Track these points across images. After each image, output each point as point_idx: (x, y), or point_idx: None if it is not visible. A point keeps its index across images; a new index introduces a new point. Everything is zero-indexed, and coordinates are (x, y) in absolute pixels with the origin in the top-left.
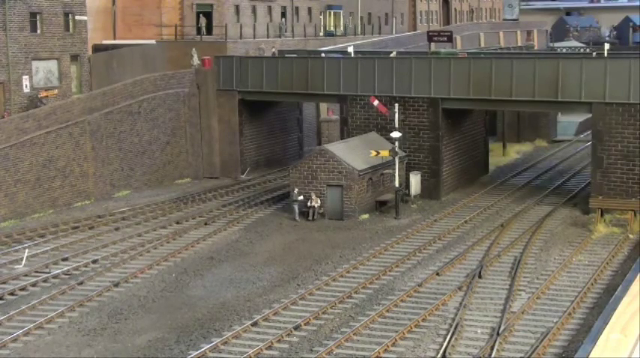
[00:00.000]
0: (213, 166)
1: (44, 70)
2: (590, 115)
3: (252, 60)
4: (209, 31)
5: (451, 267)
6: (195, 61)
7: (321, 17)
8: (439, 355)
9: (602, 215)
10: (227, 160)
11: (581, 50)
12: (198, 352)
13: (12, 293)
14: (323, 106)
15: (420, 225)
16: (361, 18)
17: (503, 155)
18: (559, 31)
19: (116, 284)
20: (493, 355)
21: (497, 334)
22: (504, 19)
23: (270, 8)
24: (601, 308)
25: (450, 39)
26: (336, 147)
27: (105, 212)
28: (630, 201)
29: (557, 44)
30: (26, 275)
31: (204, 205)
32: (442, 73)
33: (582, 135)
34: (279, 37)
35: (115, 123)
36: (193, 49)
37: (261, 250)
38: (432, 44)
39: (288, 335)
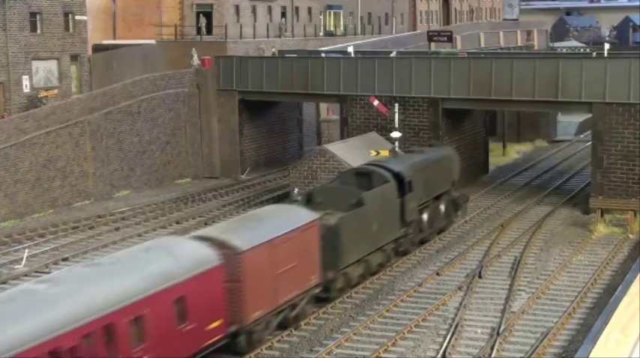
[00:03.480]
0: (213, 166)
1: (44, 70)
2: (590, 115)
3: (252, 60)
4: (209, 31)
5: (451, 267)
6: (195, 61)
7: (321, 17)
8: (439, 355)
9: (602, 215)
10: (227, 160)
11: (581, 50)
12: None
13: None
14: (323, 106)
15: None
16: (361, 18)
17: (504, 155)
18: (559, 31)
19: None
20: (493, 355)
21: (497, 334)
22: (504, 19)
23: (270, 8)
24: (601, 308)
25: (450, 39)
26: (336, 147)
27: (105, 212)
28: (630, 201)
29: (557, 44)
30: (26, 275)
31: (204, 205)
32: (442, 73)
33: (582, 135)
34: (279, 37)
35: (114, 123)
36: (193, 49)
37: None
38: (432, 44)
39: (288, 335)
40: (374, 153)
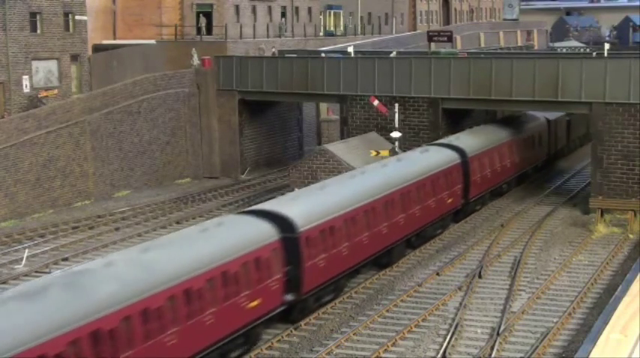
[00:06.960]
0: (213, 166)
1: (44, 70)
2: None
3: (252, 60)
4: (209, 31)
5: (451, 267)
6: (195, 61)
7: (321, 17)
8: (439, 355)
9: (602, 215)
10: (227, 160)
11: (581, 50)
12: None
13: None
14: (323, 106)
15: None
16: (361, 18)
17: None
18: (559, 31)
19: None
20: (493, 355)
21: (497, 334)
22: (504, 19)
23: (270, 8)
24: (601, 308)
25: (450, 39)
26: (336, 147)
27: (105, 212)
28: (630, 201)
29: (557, 44)
30: (26, 275)
31: (204, 205)
32: (442, 73)
33: None
34: (279, 37)
35: (115, 123)
36: (193, 49)
37: None
38: (432, 44)
39: (288, 335)
40: (374, 153)
